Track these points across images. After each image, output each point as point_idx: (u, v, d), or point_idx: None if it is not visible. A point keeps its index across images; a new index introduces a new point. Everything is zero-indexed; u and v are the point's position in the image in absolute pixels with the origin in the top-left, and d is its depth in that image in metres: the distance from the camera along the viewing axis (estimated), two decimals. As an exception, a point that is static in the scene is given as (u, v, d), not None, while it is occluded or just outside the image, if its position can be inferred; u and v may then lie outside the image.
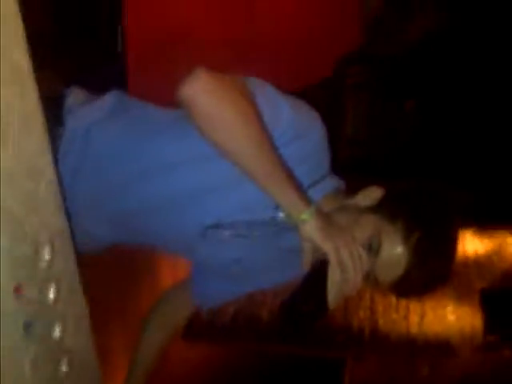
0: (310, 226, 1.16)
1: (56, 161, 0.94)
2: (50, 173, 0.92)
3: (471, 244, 4.59)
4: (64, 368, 0.93)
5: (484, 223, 4.60)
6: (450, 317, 4.16)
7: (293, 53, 1.75)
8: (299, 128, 1.22)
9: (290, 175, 1.17)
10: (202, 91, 1.11)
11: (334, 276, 1.15)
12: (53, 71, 1.27)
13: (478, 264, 4.53)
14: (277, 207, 1.23)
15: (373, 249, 1.19)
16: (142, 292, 2.95)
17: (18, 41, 0.81)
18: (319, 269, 1.16)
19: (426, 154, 4.63)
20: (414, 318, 4.11)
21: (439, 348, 4.05)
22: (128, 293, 2.82)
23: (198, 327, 3.79)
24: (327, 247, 1.15)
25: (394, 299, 4.04)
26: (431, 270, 1.20)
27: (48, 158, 0.91)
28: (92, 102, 1.36)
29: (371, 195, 1.25)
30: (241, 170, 1.17)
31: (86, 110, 1.33)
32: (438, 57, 4.38)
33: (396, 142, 4.66)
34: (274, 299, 3.87)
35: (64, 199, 0.95)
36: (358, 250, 1.17)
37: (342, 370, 3.63)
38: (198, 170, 1.24)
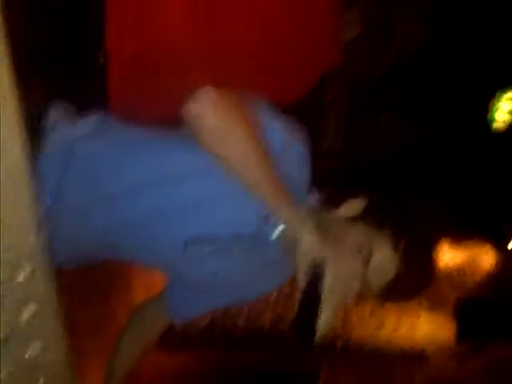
0: (311, 238, 1.20)
1: (37, 175, 0.94)
2: (29, 190, 0.90)
3: (445, 255, 4.63)
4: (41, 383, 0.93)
5: (458, 234, 4.65)
6: (424, 326, 4.19)
7: (272, 69, 1.76)
8: (286, 143, 1.27)
9: (287, 191, 1.22)
10: (210, 109, 1.13)
11: (333, 284, 1.19)
12: (35, 86, 1.28)
13: (452, 275, 4.57)
14: (262, 221, 1.27)
15: (364, 256, 1.23)
16: (117, 305, 2.92)
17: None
18: (315, 282, 1.19)
19: (401, 167, 4.67)
20: (388, 328, 4.14)
21: (413, 358, 4.07)
22: (102, 308, 2.80)
23: (173, 336, 3.81)
24: (329, 257, 1.19)
25: (367, 309, 4.06)
26: (418, 274, 1.26)
27: (27, 174, 0.89)
28: (75, 119, 1.36)
29: (354, 207, 1.29)
30: (243, 183, 1.20)
31: (68, 127, 1.34)
32: (414, 73, 4.45)
33: (371, 155, 4.70)
34: (250, 308, 3.89)
35: (44, 216, 0.94)
36: (356, 257, 1.22)
37: (315, 380, 3.63)
38: (182, 186, 1.26)
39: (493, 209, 4.58)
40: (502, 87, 4.67)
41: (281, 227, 1.25)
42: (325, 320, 1.17)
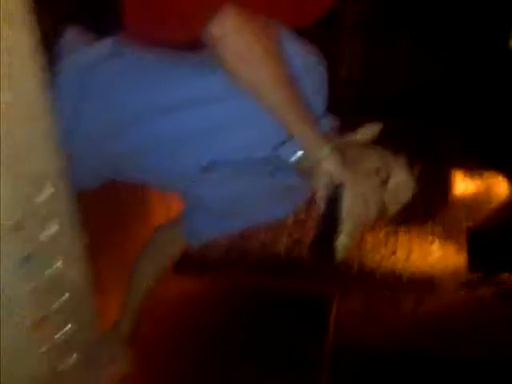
0: (330, 161, 1.20)
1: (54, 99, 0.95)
2: (47, 113, 0.93)
3: (460, 184, 4.62)
4: (63, 298, 0.96)
5: (472, 164, 4.63)
6: (436, 254, 4.22)
7: None
8: (306, 67, 1.25)
9: (310, 113, 1.21)
10: (233, 29, 1.12)
11: (352, 207, 1.21)
12: (50, 8, 1.24)
13: (466, 204, 4.58)
14: (277, 146, 1.27)
15: (380, 179, 1.25)
16: (136, 228, 2.96)
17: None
18: (334, 204, 1.20)
19: (420, 96, 4.61)
20: (401, 254, 4.17)
21: (423, 285, 4.13)
22: (122, 227, 2.84)
23: (190, 261, 3.85)
24: (349, 179, 1.20)
25: (381, 236, 4.09)
26: (433, 197, 1.28)
27: (46, 98, 0.92)
28: (90, 41, 1.36)
29: (370, 131, 1.30)
30: (265, 106, 1.19)
31: (85, 49, 1.32)
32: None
33: (390, 83, 4.64)
34: (266, 233, 3.94)
35: (64, 138, 0.97)
36: (373, 181, 1.24)
37: (327, 304, 3.68)
38: (198, 111, 1.25)
39: (507, 141, 4.54)
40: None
41: (300, 152, 1.25)
42: (343, 242, 1.18)
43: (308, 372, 3.20)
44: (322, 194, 1.22)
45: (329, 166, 1.20)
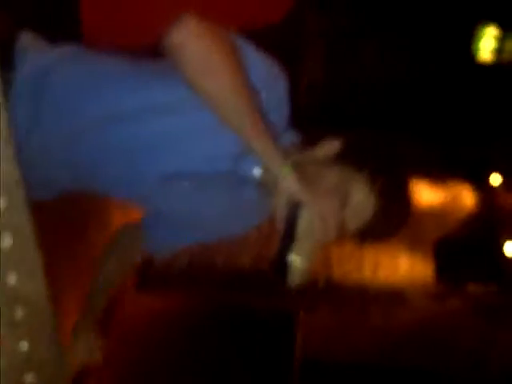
0: (289, 179, 1.20)
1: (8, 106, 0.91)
2: (3, 119, 0.88)
3: (426, 194, 4.66)
4: (20, 313, 0.94)
5: (438, 174, 4.68)
6: (404, 266, 4.24)
7: None
8: (267, 80, 1.23)
9: (269, 128, 1.19)
10: (193, 37, 1.11)
11: (309, 226, 1.19)
12: (5, 13, 1.27)
13: (432, 214, 4.60)
14: (237, 160, 1.26)
15: (340, 198, 1.23)
16: (95, 236, 2.94)
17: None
18: (292, 223, 1.20)
19: (383, 102, 4.65)
20: (368, 268, 4.17)
21: (392, 297, 4.14)
22: (81, 236, 2.82)
23: (152, 276, 3.80)
24: (307, 198, 1.20)
25: (348, 249, 4.08)
26: (395, 213, 1.26)
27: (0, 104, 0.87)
28: (47, 47, 1.33)
29: (330, 146, 1.27)
30: (223, 118, 1.18)
31: (42, 55, 1.29)
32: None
33: (353, 88, 4.67)
34: (229, 247, 3.90)
35: (19, 146, 0.92)
36: (333, 199, 1.21)
37: (295, 320, 3.67)
38: (161, 120, 1.23)
39: (475, 148, 4.59)
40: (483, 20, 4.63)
41: (259, 167, 1.25)
42: (295, 262, 1.18)
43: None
44: (280, 213, 1.22)
45: (287, 184, 1.20)
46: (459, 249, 4.27)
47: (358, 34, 4.50)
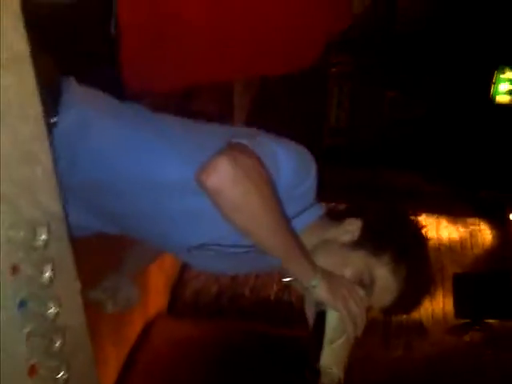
0: (319, 290, 1.21)
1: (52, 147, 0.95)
2: (45, 158, 0.92)
3: (445, 231, 4.67)
4: (58, 344, 0.94)
5: (458, 212, 4.68)
6: (424, 300, 4.20)
7: (282, 35, 1.74)
8: (300, 174, 1.27)
9: (301, 245, 1.23)
10: (228, 183, 1.12)
11: (344, 327, 1.21)
12: (50, 58, 1.24)
13: (451, 250, 4.61)
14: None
15: (365, 284, 1.25)
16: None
17: (16, 26, 0.83)
18: (321, 325, 1.22)
19: (404, 144, 4.68)
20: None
21: (412, 330, 4.13)
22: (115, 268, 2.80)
23: (183, 305, 3.90)
24: (338, 305, 1.21)
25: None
26: (420, 289, 1.29)
27: (44, 143, 0.92)
28: (91, 95, 1.34)
29: (350, 229, 1.30)
30: (260, 246, 1.22)
31: (85, 103, 1.30)
32: (422, 48, 4.44)
33: (377, 130, 4.71)
34: (257, 278, 3.97)
35: (60, 185, 0.97)
36: (359, 295, 1.23)
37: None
38: (195, 196, 1.21)
39: (494, 191, 4.59)
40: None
41: (289, 278, 1.27)
42: (327, 368, 1.18)
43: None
44: (310, 314, 1.26)
45: (318, 294, 1.22)
46: (476, 284, 4.26)
47: (381, 78, 4.57)
